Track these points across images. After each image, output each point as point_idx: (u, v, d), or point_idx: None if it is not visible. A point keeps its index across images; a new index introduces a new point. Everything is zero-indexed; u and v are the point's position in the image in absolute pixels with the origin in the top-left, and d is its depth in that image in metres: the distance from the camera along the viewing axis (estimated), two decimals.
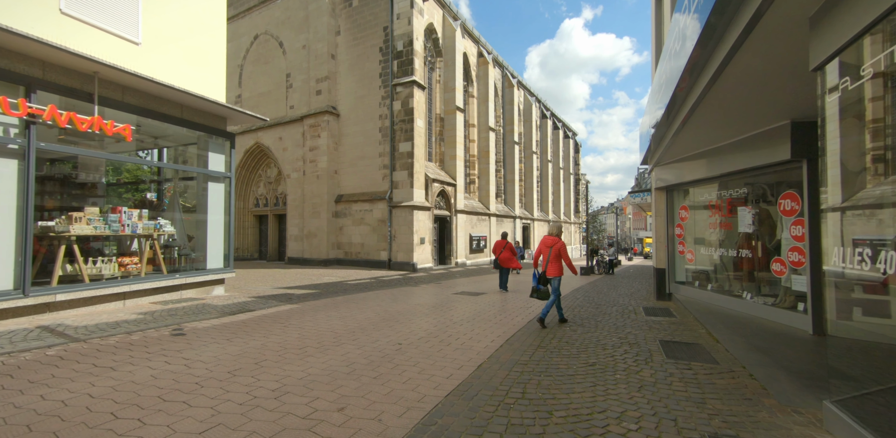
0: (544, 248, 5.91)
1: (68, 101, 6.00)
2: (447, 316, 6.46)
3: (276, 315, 6.39)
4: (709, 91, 3.87)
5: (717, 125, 5.07)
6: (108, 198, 8.23)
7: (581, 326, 5.75)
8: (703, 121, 4.81)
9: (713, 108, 4.39)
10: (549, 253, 5.80)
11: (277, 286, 10.50)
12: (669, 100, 4.59)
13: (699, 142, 5.81)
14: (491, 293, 9.78)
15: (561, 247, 5.80)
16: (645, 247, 49.39)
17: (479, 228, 22.57)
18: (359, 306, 7.41)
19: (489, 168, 23.90)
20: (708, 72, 3.62)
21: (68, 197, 7.49)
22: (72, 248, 6.16)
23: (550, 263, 5.77)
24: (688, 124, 4.93)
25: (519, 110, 29.71)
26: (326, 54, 18.64)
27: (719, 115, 4.70)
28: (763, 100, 4.27)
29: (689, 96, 4.37)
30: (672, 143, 6.01)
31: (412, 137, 16.73)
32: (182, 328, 5.33)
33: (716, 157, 6.21)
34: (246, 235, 22.54)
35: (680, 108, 4.76)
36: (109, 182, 8.01)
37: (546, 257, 5.83)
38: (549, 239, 5.91)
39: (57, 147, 5.77)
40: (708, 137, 5.60)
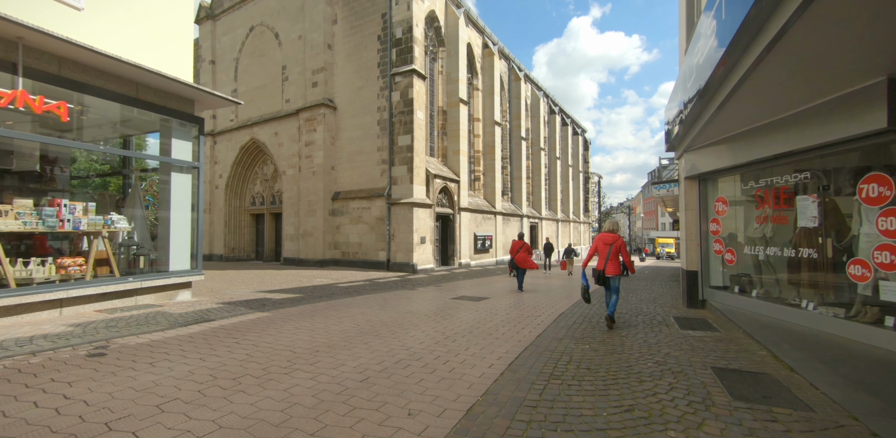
0: (602, 246, 5.61)
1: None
2: (440, 328, 5.38)
3: (236, 326, 5.36)
4: (778, 41, 2.79)
5: (780, 90, 3.92)
6: (67, 193, 7.30)
7: (603, 343, 4.62)
8: (761, 85, 3.68)
9: (778, 67, 3.27)
10: (609, 251, 5.51)
11: (259, 289, 9.51)
12: (720, 60, 3.47)
13: (750, 114, 4.65)
14: (495, 297, 8.67)
15: (621, 245, 5.53)
16: (656, 248, 47.77)
17: (485, 227, 21.44)
18: (340, 314, 6.36)
19: (495, 164, 22.78)
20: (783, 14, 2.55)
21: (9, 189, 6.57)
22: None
23: (610, 261, 5.52)
24: (739, 91, 3.80)
25: (526, 105, 28.53)
26: (322, 44, 17.69)
27: (784, 76, 3.55)
28: (850, 50, 3.13)
29: (748, 54, 3.27)
30: (712, 120, 4.86)
31: (412, 130, 15.68)
32: (108, 345, 4.32)
33: (768, 135, 5.04)
34: (242, 235, 21.70)
35: (732, 70, 3.64)
36: (55, 172, 7.05)
37: (605, 255, 5.55)
38: (608, 236, 5.61)
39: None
40: (763, 108, 4.45)
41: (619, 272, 5.61)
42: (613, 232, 5.69)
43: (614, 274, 5.56)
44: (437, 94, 19.29)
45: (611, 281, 5.60)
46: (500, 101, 23.93)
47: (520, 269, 10.14)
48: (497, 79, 23.17)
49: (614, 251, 5.54)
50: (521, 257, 10.00)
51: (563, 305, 7.68)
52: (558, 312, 6.85)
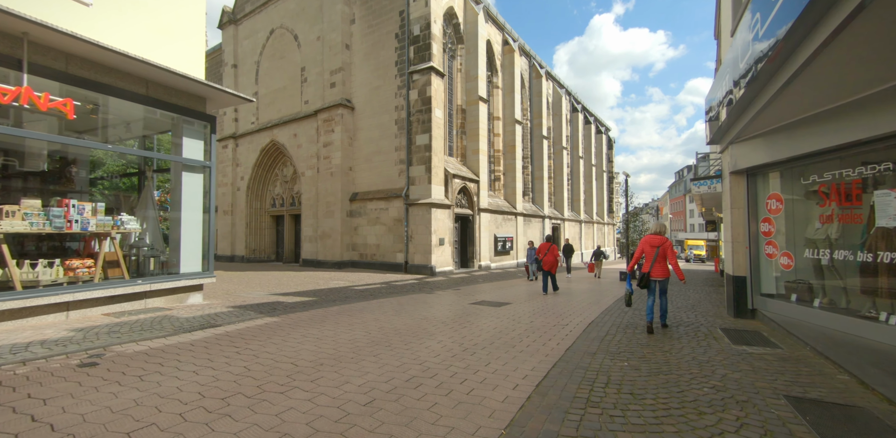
0: (648, 248, 5.54)
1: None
2: (458, 338, 4.90)
3: (241, 333, 5.05)
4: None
5: (865, 62, 3.27)
6: (81, 195, 7.24)
7: (644, 360, 4.04)
8: (840, 58, 3.06)
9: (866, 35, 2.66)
10: (656, 254, 5.44)
11: (274, 292, 9.29)
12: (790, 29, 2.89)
13: (822, 95, 3.98)
14: (517, 302, 8.13)
15: (668, 247, 5.46)
16: (685, 250, 45.86)
17: (505, 228, 20.83)
18: (351, 320, 5.98)
19: (515, 164, 22.14)
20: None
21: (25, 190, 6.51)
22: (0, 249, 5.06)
23: (657, 264, 5.44)
24: (814, 64, 3.18)
25: (547, 103, 27.76)
26: (340, 44, 17.57)
27: (875, 45, 2.92)
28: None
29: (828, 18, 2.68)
30: (771, 103, 4.21)
31: (430, 129, 15.30)
32: (104, 353, 4.05)
33: (839, 120, 4.35)
34: (263, 236, 21.84)
35: (804, 40, 3.04)
36: (68, 173, 6.97)
37: (651, 258, 5.47)
38: (655, 238, 5.54)
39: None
40: (840, 86, 3.78)
41: (667, 275, 5.53)
42: (661, 234, 5.60)
43: (662, 277, 5.48)
44: (455, 93, 18.87)
45: (658, 285, 5.53)
46: (520, 99, 23.30)
47: (546, 272, 9.89)
48: (517, 76, 22.56)
49: (661, 253, 5.48)
50: (548, 260, 9.85)
51: (592, 312, 7.07)
52: (587, 320, 6.26)
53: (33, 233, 5.51)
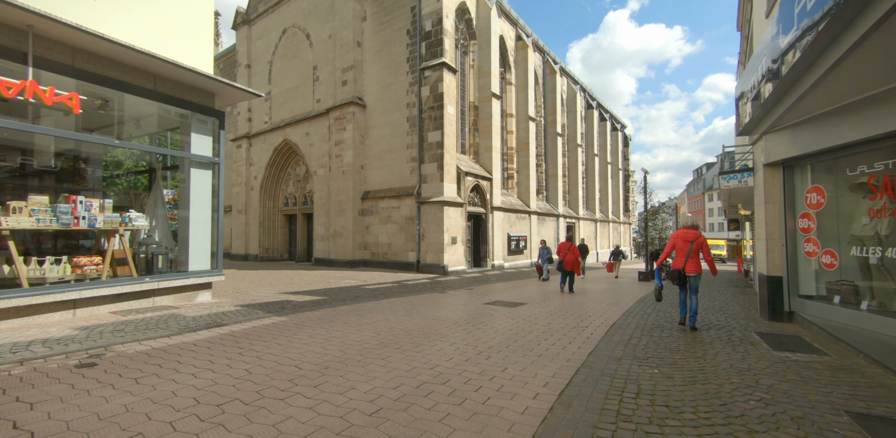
0: (681, 243, 5.34)
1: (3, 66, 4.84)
2: (471, 341, 4.63)
3: (246, 333, 4.87)
4: None
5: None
6: (92, 192, 7.21)
7: (676, 367, 3.70)
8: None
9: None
10: (690, 249, 5.26)
11: (284, 290, 9.16)
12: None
13: (882, 71, 3.57)
14: (533, 302, 7.80)
15: (703, 243, 5.29)
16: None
17: (519, 227, 20.45)
18: (361, 320, 5.76)
19: (529, 161, 21.73)
20: None
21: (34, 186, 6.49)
22: (5, 245, 5.00)
23: (690, 259, 5.28)
24: (874, 36, 2.81)
25: (562, 99, 27.22)
26: (352, 42, 17.45)
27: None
28: None
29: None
30: (817, 86, 3.82)
31: (442, 126, 15.04)
32: (105, 353, 3.90)
33: (893, 103, 3.92)
34: (276, 235, 21.91)
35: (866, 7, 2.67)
36: (78, 170, 6.93)
37: (685, 253, 5.29)
38: (689, 232, 5.36)
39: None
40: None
41: (700, 271, 5.34)
42: (694, 229, 5.43)
43: (695, 272, 5.30)
44: (468, 89, 18.57)
45: (691, 281, 5.35)
46: (534, 96, 22.86)
47: (566, 272, 9.84)
48: (531, 72, 22.13)
49: (695, 248, 5.31)
50: (569, 259, 9.83)
51: (613, 313, 6.71)
52: (609, 322, 5.91)
53: (40, 230, 5.44)
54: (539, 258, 13.04)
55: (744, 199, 8.23)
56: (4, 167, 6.85)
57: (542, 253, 12.95)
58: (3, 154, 6.91)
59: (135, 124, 7.35)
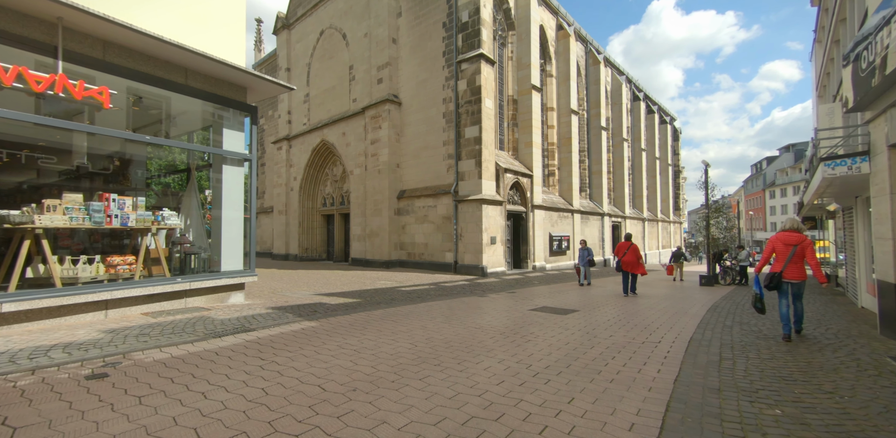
0: (782, 247, 4.84)
1: (33, 59, 4.74)
2: (522, 357, 3.94)
3: (272, 340, 4.45)
4: None
5: None
6: (130, 191, 7.21)
7: (804, 406, 2.81)
8: None
9: None
10: (791, 253, 4.75)
11: (319, 291, 8.86)
12: None
13: None
14: (585, 309, 6.96)
15: (808, 246, 4.76)
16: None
17: (561, 227, 19.34)
18: (396, 327, 5.22)
19: (571, 157, 20.54)
20: None
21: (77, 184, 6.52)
22: (40, 244, 4.90)
23: (791, 264, 4.77)
24: None
25: (606, 91, 25.68)
26: (387, 39, 17.18)
27: None
28: None
29: None
30: None
31: (479, 120, 14.36)
32: (121, 362, 3.59)
33: None
34: (314, 235, 22.14)
35: None
36: (115, 169, 6.91)
37: (785, 257, 4.78)
38: (791, 235, 4.84)
39: (8, 113, 4.50)
40: None
41: (804, 277, 4.82)
42: (797, 231, 4.90)
43: (798, 279, 4.78)
44: (506, 83, 17.76)
45: (793, 288, 4.86)
46: (576, 88, 21.62)
47: (626, 273, 9.31)
48: (573, 63, 20.92)
49: (799, 253, 4.77)
50: (628, 260, 9.24)
51: (685, 325, 5.75)
52: (685, 336, 5.00)
53: (73, 228, 5.34)
54: (578, 260, 11.94)
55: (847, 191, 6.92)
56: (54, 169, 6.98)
57: (582, 255, 11.86)
58: (53, 155, 7.03)
59: (170, 123, 7.27)
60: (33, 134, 6.34)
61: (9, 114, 4.52)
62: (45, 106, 5.21)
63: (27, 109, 4.90)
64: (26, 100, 5.04)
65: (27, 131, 6.09)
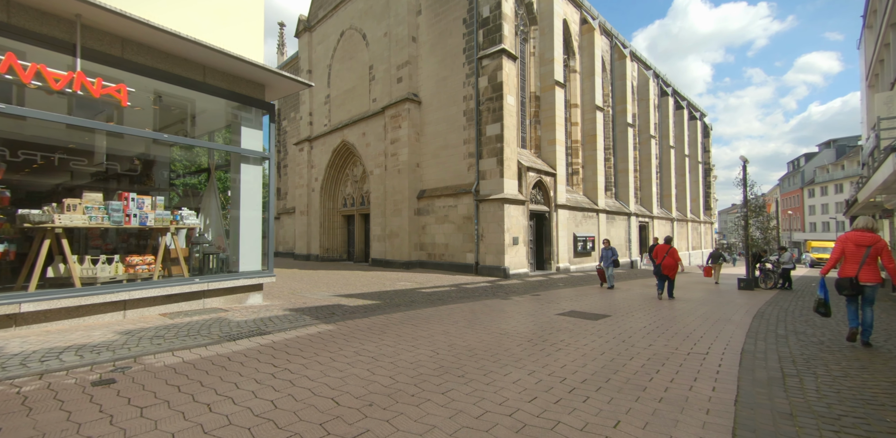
0: (853, 248, 4.50)
1: (48, 56, 4.71)
2: (556, 368, 3.58)
3: (287, 345, 4.24)
4: None
5: None
6: (153, 191, 7.24)
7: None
8: None
9: None
10: (865, 255, 4.39)
11: (338, 292, 8.70)
12: None
13: None
14: (619, 314, 6.50)
15: (883, 247, 4.37)
16: (804, 252, 38.78)
17: (586, 227, 18.70)
18: (416, 332, 4.94)
19: (596, 155, 19.85)
20: None
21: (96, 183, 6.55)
22: (60, 243, 4.87)
23: (865, 267, 4.43)
24: None
25: (632, 87, 24.77)
26: (407, 37, 17.02)
27: None
28: None
29: None
30: None
31: (501, 118, 13.97)
32: (131, 367, 3.44)
33: None
34: (335, 236, 22.22)
35: None
36: (136, 168, 6.91)
37: (858, 259, 4.44)
38: (864, 236, 4.49)
39: (20, 110, 4.46)
40: None
41: (879, 279, 4.49)
42: (870, 231, 4.54)
43: (872, 281, 4.43)
44: (528, 79, 17.29)
45: (866, 291, 4.48)
46: (601, 84, 20.89)
47: (663, 277, 8.94)
48: (598, 58, 20.24)
49: (873, 254, 4.42)
50: (668, 263, 8.90)
51: (732, 333, 5.23)
52: (735, 346, 4.51)
53: (93, 228, 5.31)
54: (601, 261, 11.22)
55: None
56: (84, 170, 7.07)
57: (605, 256, 11.08)
58: (81, 157, 7.12)
59: (190, 122, 7.24)
60: (63, 136, 6.43)
61: (36, 114, 4.50)
62: (74, 107, 5.22)
63: (55, 111, 4.89)
64: (58, 103, 5.06)
65: (54, 133, 6.16)
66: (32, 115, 4.49)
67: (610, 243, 11.82)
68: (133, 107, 6.39)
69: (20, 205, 5.03)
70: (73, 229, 5.43)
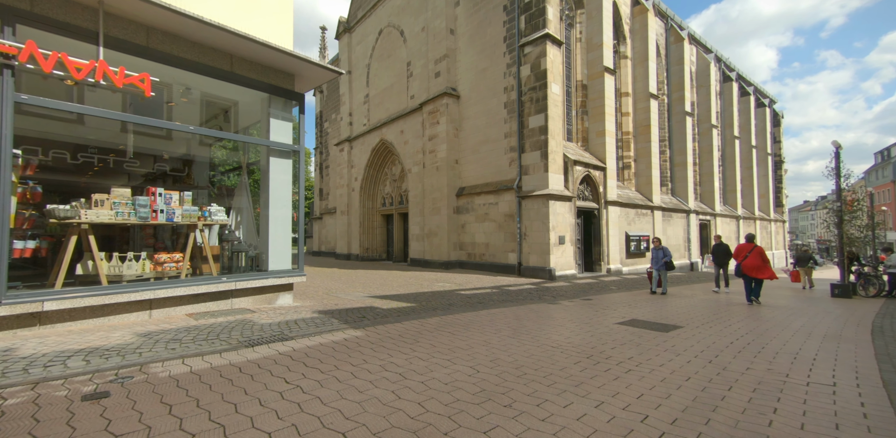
0: None
1: (71, 45, 4.56)
2: (628, 400, 2.78)
3: (306, 355, 3.75)
4: None
5: None
6: (204, 191, 7.17)
7: None
8: None
9: None
10: None
11: (373, 293, 8.26)
12: None
13: None
14: (693, 325, 5.48)
15: None
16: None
17: (639, 225, 17.17)
18: (454, 342, 4.29)
19: (650, 147, 18.22)
20: None
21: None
22: (87, 240, 4.72)
23: None
24: None
25: (690, 72, 22.65)
26: (445, 30, 16.48)
27: None
28: None
29: None
30: None
31: (545, 108, 13.01)
32: (133, 377, 3.06)
33: None
34: (374, 235, 22.15)
35: None
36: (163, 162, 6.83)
37: None
38: None
39: (44, 101, 4.32)
40: None
41: None
42: None
43: None
44: (574, 67, 16.13)
45: None
46: (655, 70, 19.18)
47: (749, 279, 7.93)
48: (651, 42, 18.58)
49: None
50: (751, 263, 7.79)
51: (854, 354, 4.10)
52: (869, 375, 3.43)
53: (120, 224, 5.15)
54: (651, 262, 9.84)
55: None
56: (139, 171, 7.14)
57: (656, 256, 9.63)
58: (137, 160, 7.19)
59: (224, 118, 7.08)
60: (111, 137, 6.47)
61: (51, 104, 4.36)
62: (127, 106, 5.11)
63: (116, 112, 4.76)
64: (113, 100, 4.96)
65: (88, 131, 6.17)
66: (48, 105, 4.33)
67: (661, 242, 10.35)
68: (167, 103, 6.29)
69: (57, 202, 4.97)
70: (110, 225, 5.32)
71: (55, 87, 5.03)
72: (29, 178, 4.95)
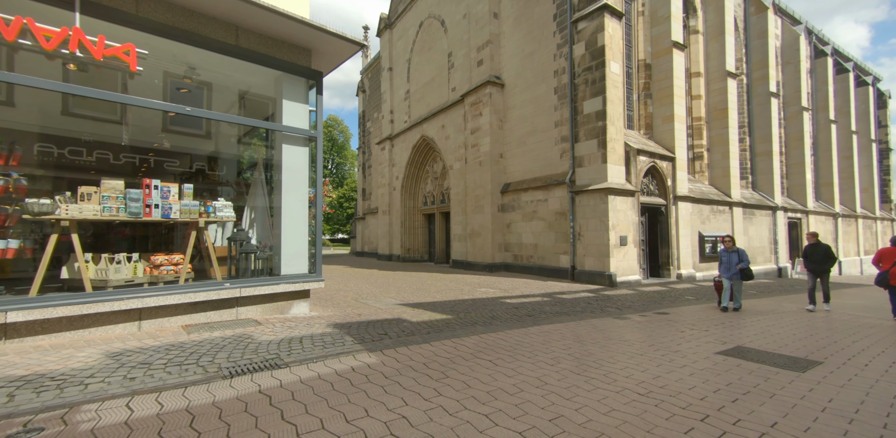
0: None
1: (52, 14, 3.94)
2: None
3: (294, 394, 2.75)
4: None
5: None
6: (226, 188, 6.61)
7: None
8: None
9: None
10: None
11: (406, 300, 7.26)
12: None
13: None
14: (834, 357, 3.85)
15: None
16: None
17: (715, 224, 14.81)
18: (496, 379, 3.10)
19: (727, 134, 15.74)
20: None
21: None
22: (69, 239, 4.10)
23: None
24: None
25: (775, 48, 19.55)
26: (488, 14, 15.25)
27: None
28: None
29: None
30: None
31: (603, 90, 11.36)
32: (44, 429, 2.21)
33: None
34: (416, 235, 21.36)
35: None
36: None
37: None
38: None
39: (9, 76, 3.71)
40: None
41: None
42: None
43: None
44: (635, 45, 14.20)
45: None
46: (733, 45, 16.58)
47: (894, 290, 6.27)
48: (728, 13, 16.09)
49: None
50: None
51: None
52: None
53: (106, 220, 4.51)
54: (720, 269, 7.48)
55: None
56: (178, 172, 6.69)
57: (727, 261, 7.34)
58: (176, 159, 6.77)
59: (240, 105, 6.41)
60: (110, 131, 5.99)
61: (17, 79, 3.75)
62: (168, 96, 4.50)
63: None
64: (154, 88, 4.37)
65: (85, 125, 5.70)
66: (12, 81, 3.70)
67: (734, 242, 7.94)
68: (179, 90, 5.67)
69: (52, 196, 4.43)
70: (109, 222, 4.74)
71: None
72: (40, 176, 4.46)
